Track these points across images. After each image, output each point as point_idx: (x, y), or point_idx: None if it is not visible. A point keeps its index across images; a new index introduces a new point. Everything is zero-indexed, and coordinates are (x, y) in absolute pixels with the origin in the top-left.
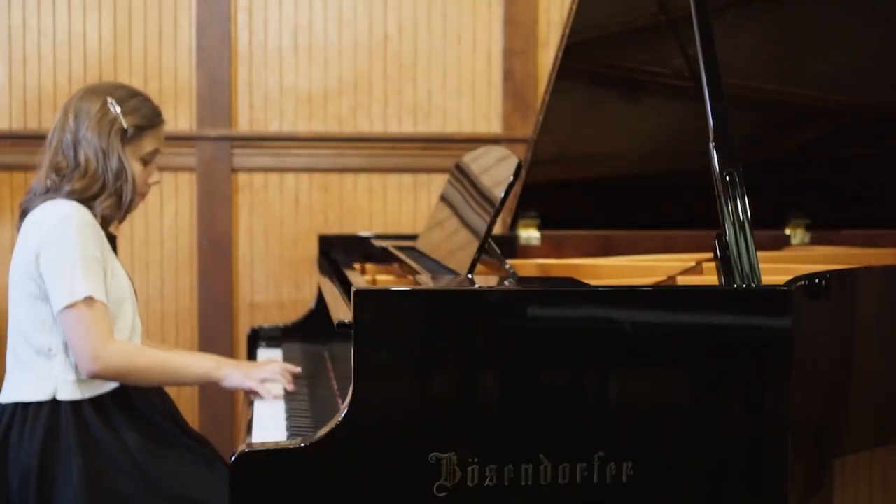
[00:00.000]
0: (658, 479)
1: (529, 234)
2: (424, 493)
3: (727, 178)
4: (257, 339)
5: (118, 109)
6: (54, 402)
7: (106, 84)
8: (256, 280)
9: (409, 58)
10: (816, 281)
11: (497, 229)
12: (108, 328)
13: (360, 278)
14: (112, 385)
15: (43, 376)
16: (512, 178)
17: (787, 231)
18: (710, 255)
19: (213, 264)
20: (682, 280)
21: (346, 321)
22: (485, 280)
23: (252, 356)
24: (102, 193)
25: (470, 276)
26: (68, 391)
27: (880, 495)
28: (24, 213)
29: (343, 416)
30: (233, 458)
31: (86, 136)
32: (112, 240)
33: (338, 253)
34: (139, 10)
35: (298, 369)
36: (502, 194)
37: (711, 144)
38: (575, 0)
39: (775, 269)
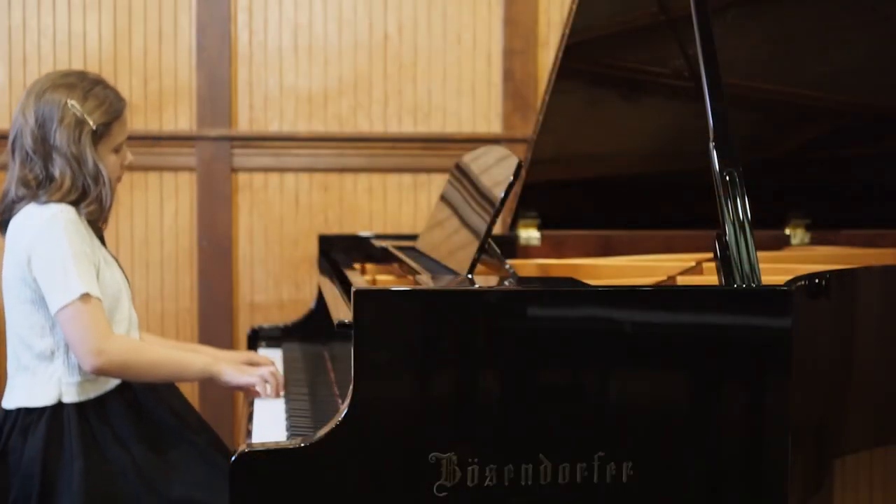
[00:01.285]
0: (658, 480)
1: (529, 234)
2: (424, 493)
3: (727, 178)
4: (257, 339)
5: (81, 111)
6: (58, 406)
7: (58, 79)
8: (256, 280)
9: (409, 58)
10: (816, 281)
11: (497, 229)
12: (107, 323)
13: (360, 278)
14: (115, 382)
15: (46, 380)
16: (512, 178)
17: (787, 231)
18: (710, 255)
19: (213, 264)
20: (682, 280)
21: (346, 321)
22: (485, 280)
23: None
24: (84, 199)
25: (470, 276)
26: (73, 393)
27: (880, 495)
28: (3, 224)
29: (343, 416)
30: (233, 459)
31: (55, 145)
32: (100, 235)
33: (338, 253)
34: (139, 10)
35: (281, 394)
36: (502, 194)
37: (711, 144)
38: (575, 0)
39: (775, 269)
